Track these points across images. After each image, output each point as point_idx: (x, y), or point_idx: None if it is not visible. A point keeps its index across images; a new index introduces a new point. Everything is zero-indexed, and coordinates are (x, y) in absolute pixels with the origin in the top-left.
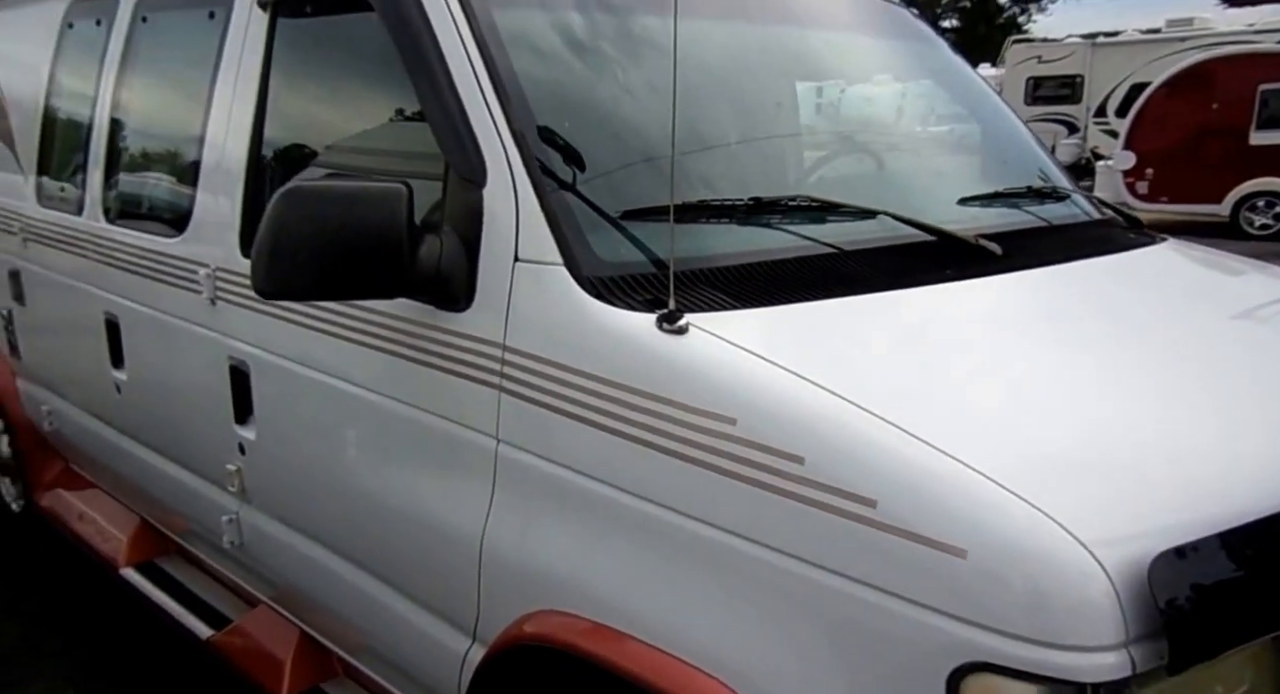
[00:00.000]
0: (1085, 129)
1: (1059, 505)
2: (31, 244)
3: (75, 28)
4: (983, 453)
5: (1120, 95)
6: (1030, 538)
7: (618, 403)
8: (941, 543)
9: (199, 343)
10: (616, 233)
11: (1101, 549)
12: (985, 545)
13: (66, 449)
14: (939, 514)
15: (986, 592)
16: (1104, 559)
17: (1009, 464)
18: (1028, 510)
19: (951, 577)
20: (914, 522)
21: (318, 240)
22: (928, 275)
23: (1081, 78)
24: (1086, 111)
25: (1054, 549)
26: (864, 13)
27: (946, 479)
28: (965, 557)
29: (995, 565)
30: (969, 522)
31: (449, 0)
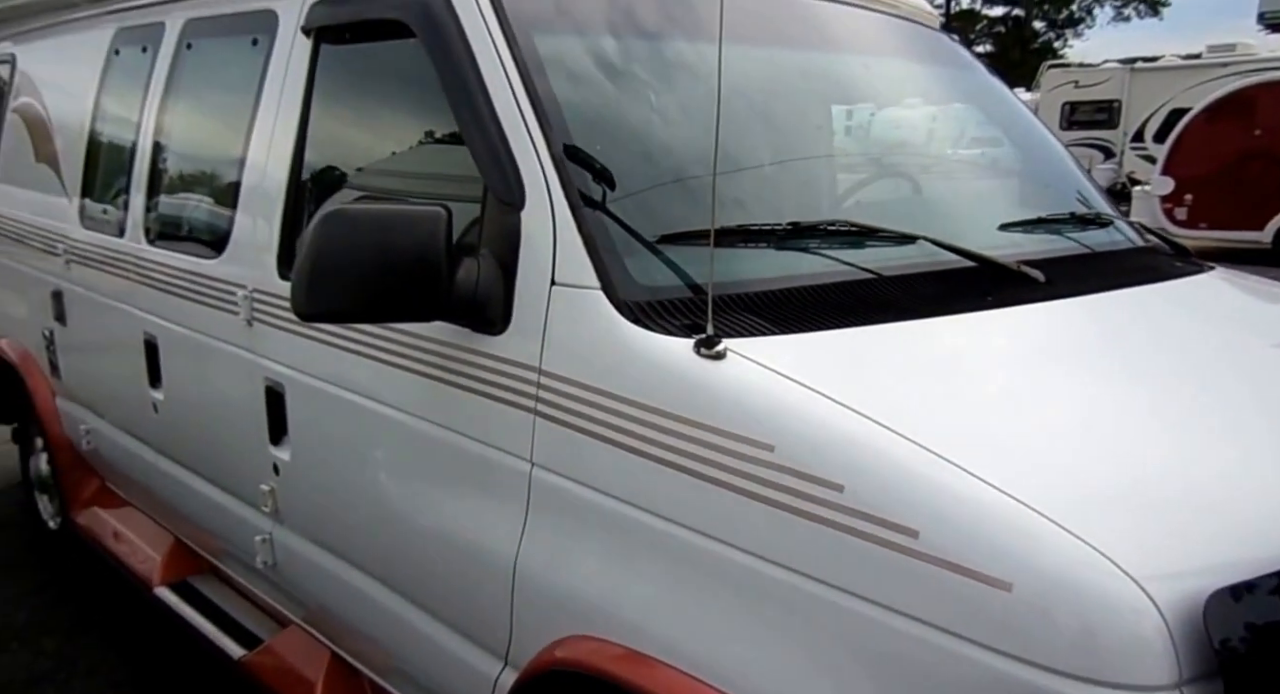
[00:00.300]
0: (1122, 154)
1: (1109, 539)
2: (74, 265)
3: (121, 54)
4: (1028, 484)
5: (1159, 120)
6: (1079, 571)
7: (654, 428)
8: (986, 575)
9: (235, 363)
10: (654, 257)
11: (1154, 585)
12: (1032, 578)
13: (103, 468)
14: (983, 546)
15: (1033, 626)
16: (1157, 595)
17: (1056, 496)
18: (1076, 543)
19: (997, 610)
20: (957, 553)
21: (358, 262)
22: (968, 302)
23: (1119, 103)
24: (1124, 137)
25: (1104, 584)
26: (903, 38)
27: (991, 510)
28: (1011, 590)
29: (1042, 599)
30: (1015, 554)
31: (490, 26)
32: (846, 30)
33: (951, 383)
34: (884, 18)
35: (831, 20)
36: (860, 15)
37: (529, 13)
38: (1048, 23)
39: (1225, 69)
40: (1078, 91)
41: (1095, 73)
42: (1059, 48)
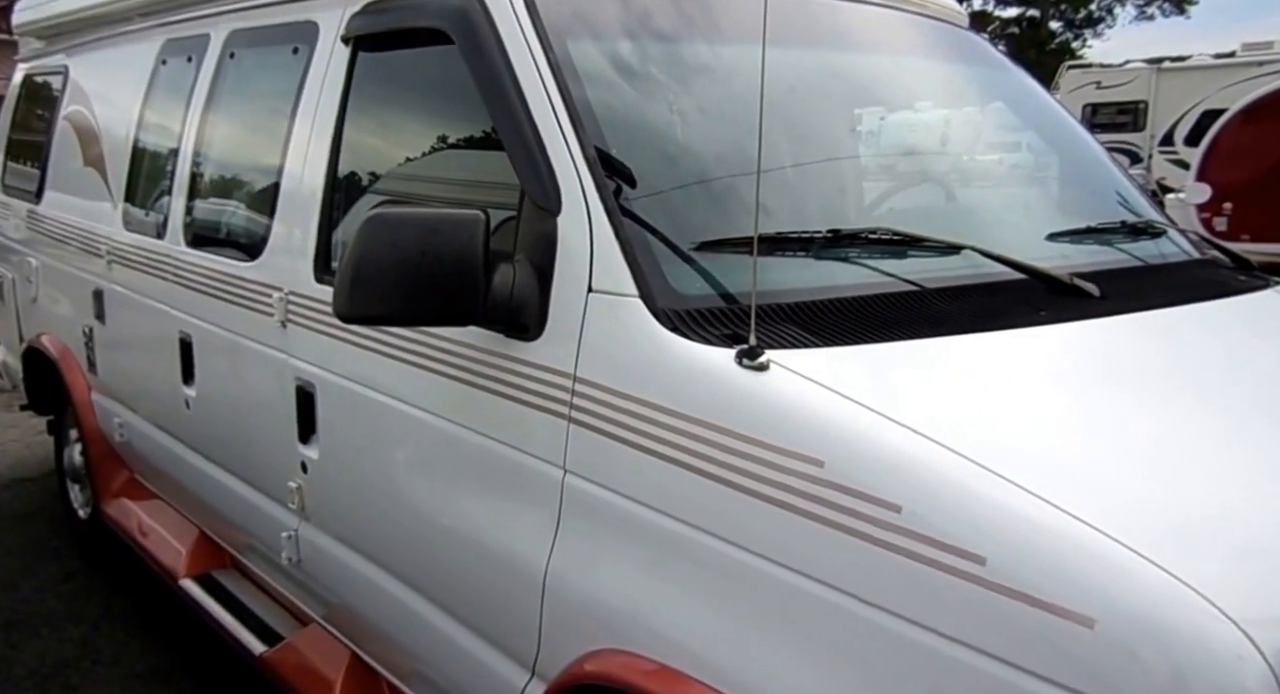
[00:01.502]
0: (1150, 158)
1: (1203, 577)
2: (115, 266)
3: (168, 63)
4: (1107, 512)
5: (1190, 123)
6: (1172, 611)
7: (694, 438)
8: (1064, 609)
9: (268, 363)
10: (692, 265)
11: (1257, 630)
12: (1117, 615)
13: (134, 460)
14: (1061, 577)
15: (1117, 668)
16: (1260, 641)
17: (1140, 528)
18: (1167, 580)
19: (1076, 648)
20: (1031, 584)
21: (399, 266)
22: (1021, 317)
23: (1145, 104)
24: (1151, 140)
25: (1201, 625)
26: (935, 37)
27: (1069, 539)
28: (1093, 626)
29: (1129, 638)
30: (1097, 588)
31: (526, 32)
32: (877, 31)
33: (1009, 402)
34: (914, 17)
35: (861, 21)
36: (890, 15)
37: (564, 19)
38: (1065, 23)
39: (1261, 68)
40: (1100, 93)
41: (1119, 73)
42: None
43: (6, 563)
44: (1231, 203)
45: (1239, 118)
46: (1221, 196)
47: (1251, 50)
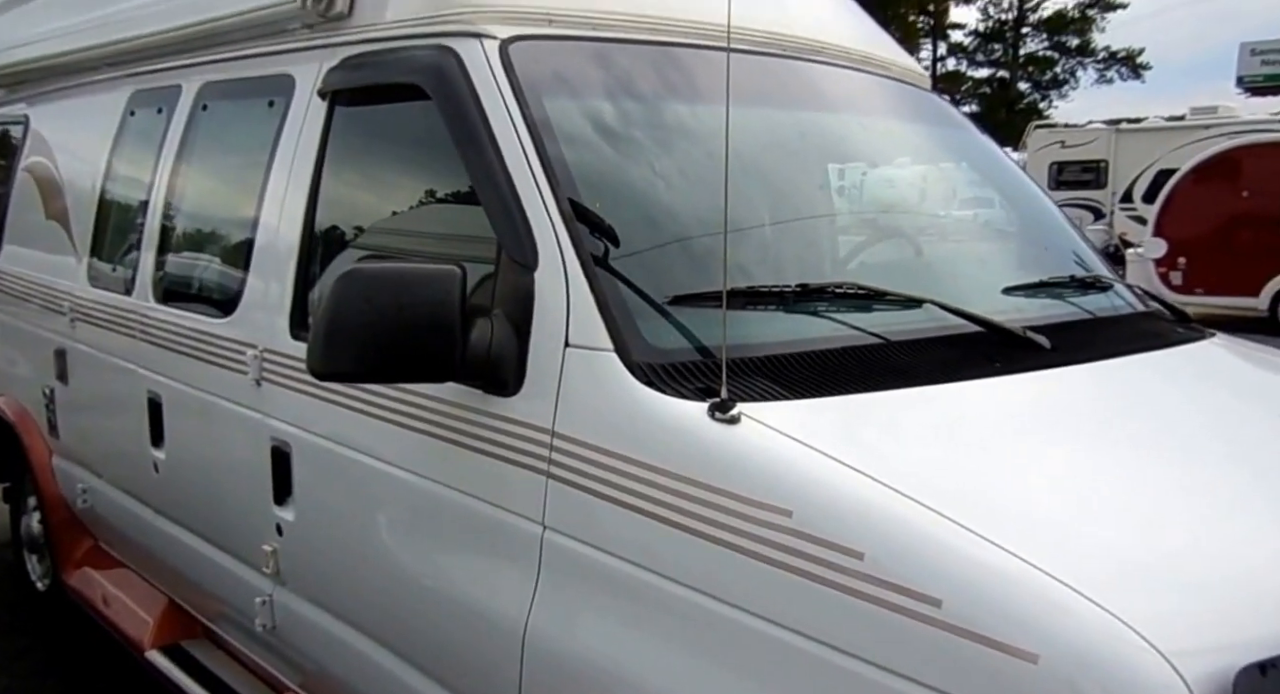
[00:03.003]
0: (1112, 215)
1: (1136, 613)
2: (79, 324)
3: (136, 115)
4: (1053, 555)
5: (1146, 181)
6: (1107, 645)
7: (670, 492)
8: (1012, 647)
9: (242, 423)
10: (667, 319)
11: (1182, 660)
12: (1058, 651)
13: (98, 527)
14: (1008, 616)
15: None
16: (1185, 671)
17: (1080, 568)
18: (1103, 616)
19: (1023, 682)
20: (982, 624)
21: (374, 321)
22: (977, 368)
23: (1106, 163)
24: (1112, 197)
25: (1133, 658)
26: (898, 99)
27: (1016, 581)
28: (1037, 662)
29: (1069, 672)
30: (1041, 625)
31: (502, 89)
32: (843, 92)
33: (966, 450)
34: (879, 79)
35: (828, 82)
36: (855, 77)
37: (540, 77)
38: (1032, 84)
39: (1208, 131)
40: (1064, 151)
41: (1081, 133)
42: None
43: None
44: (1186, 258)
45: (1190, 177)
46: (1177, 252)
47: (1199, 114)
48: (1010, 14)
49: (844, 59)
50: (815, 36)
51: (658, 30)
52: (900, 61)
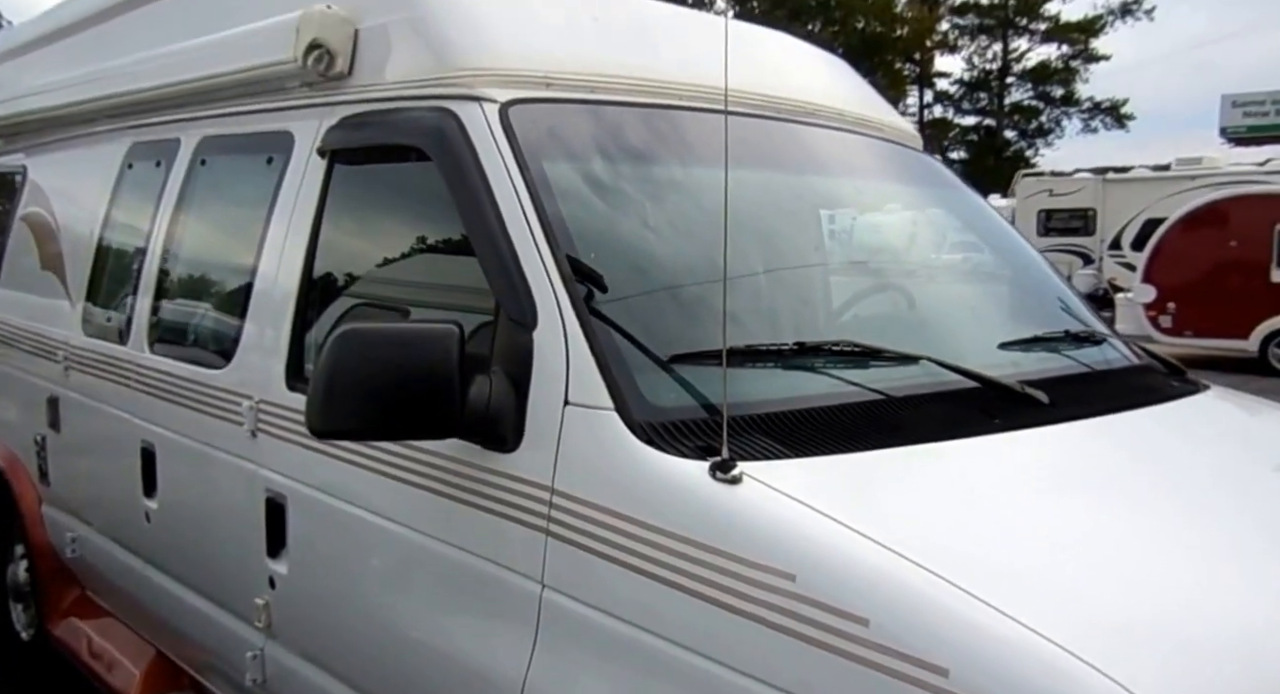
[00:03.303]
0: (1101, 261)
1: (1136, 678)
2: (73, 372)
3: (135, 167)
4: (1058, 622)
5: (1135, 229)
6: None
7: (671, 552)
8: None
9: (236, 474)
10: (667, 377)
11: None
12: None
13: (87, 576)
14: (1016, 686)
15: None
16: None
17: (1082, 632)
18: (1109, 684)
19: None
20: (989, 692)
21: (372, 380)
22: (977, 426)
23: (1094, 211)
24: (1101, 244)
25: None
26: (892, 159)
27: (1023, 650)
28: None
29: None
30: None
31: (502, 151)
32: (836, 152)
33: (970, 511)
34: (872, 140)
35: (822, 143)
36: (849, 138)
37: (539, 140)
38: (1019, 132)
39: (1194, 182)
40: (1053, 200)
41: (1069, 182)
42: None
43: None
44: (1175, 303)
45: (1177, 227)
46: (1166, 297)
47: (1185, 165)
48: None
49: (838, 121)
50: (809, 99)
51: (653, 93)
52: (893, 123)
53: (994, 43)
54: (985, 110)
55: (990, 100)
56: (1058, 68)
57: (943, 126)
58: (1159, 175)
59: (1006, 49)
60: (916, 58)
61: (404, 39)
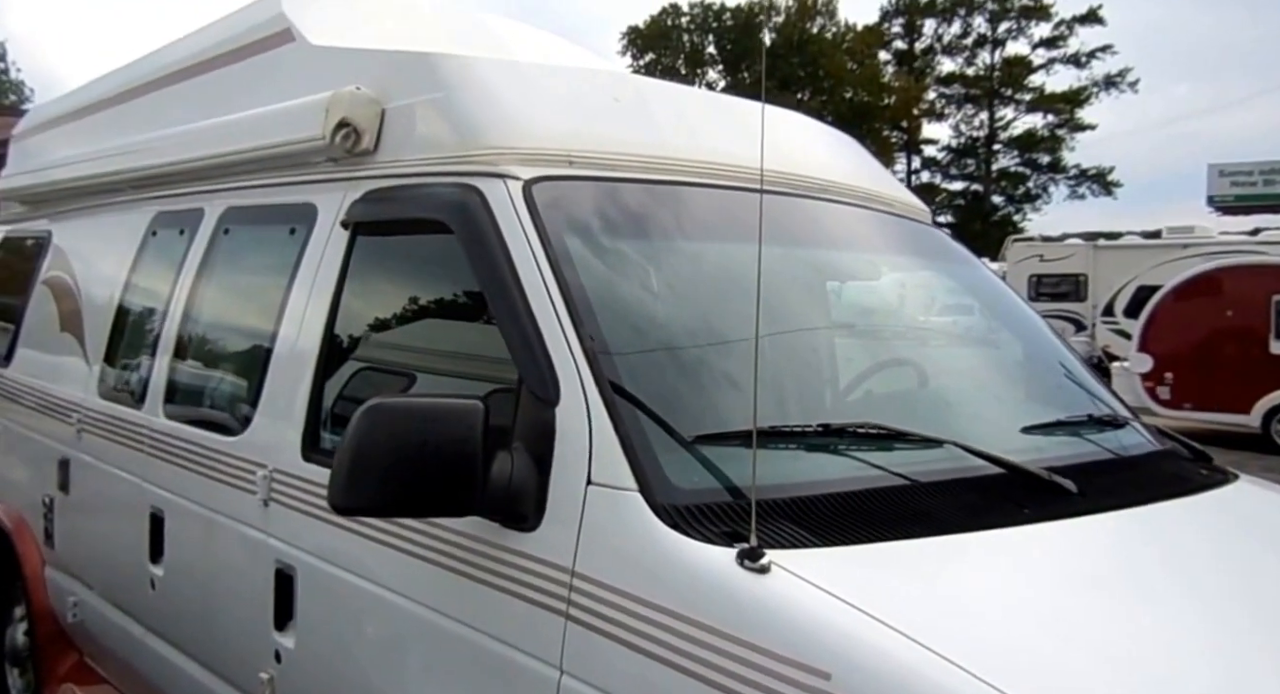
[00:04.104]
0: (1094, 327)
1: None
2: (86, 434)
3: (158, 235)
4: None
5: (1128, 295)
6: None
7: (697, 642)
8: None
9: (246, 544)
10: (691, 458)
11: None
12: None
13: (86, 642)
14: None
15: None
16: None
17: None
18: None
19: None
20: None
21: (396, 456)
22: (1005, 515)
23: (1085, 277)
24: (1094, 310)
25: None
26: (903, 234)
27: None
28: None
29: None
30: None
31: (525, 226)
32: (848, 226)
33: (1007, 610)
34: (882, 215)
35: (834, 218)
36: (860, 213)
37: (562, 217)
38: (1006, 197)
39: (1185, 250)
40: (1043, 265)
41: (1060, 247)
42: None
43: None
44: (1173, 373)
45: (1172, 295)
46: (1163, 367)
47: (1176, 234)
48: (981, 131)
49: (849, 196)
50: (821, 175)
51: (671, 170)
52: (903, 198)
53: (980, 111)
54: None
55: (978, 166)
56: (1044, 136)
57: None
58: (1151, 243)
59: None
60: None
61: (429, 118)
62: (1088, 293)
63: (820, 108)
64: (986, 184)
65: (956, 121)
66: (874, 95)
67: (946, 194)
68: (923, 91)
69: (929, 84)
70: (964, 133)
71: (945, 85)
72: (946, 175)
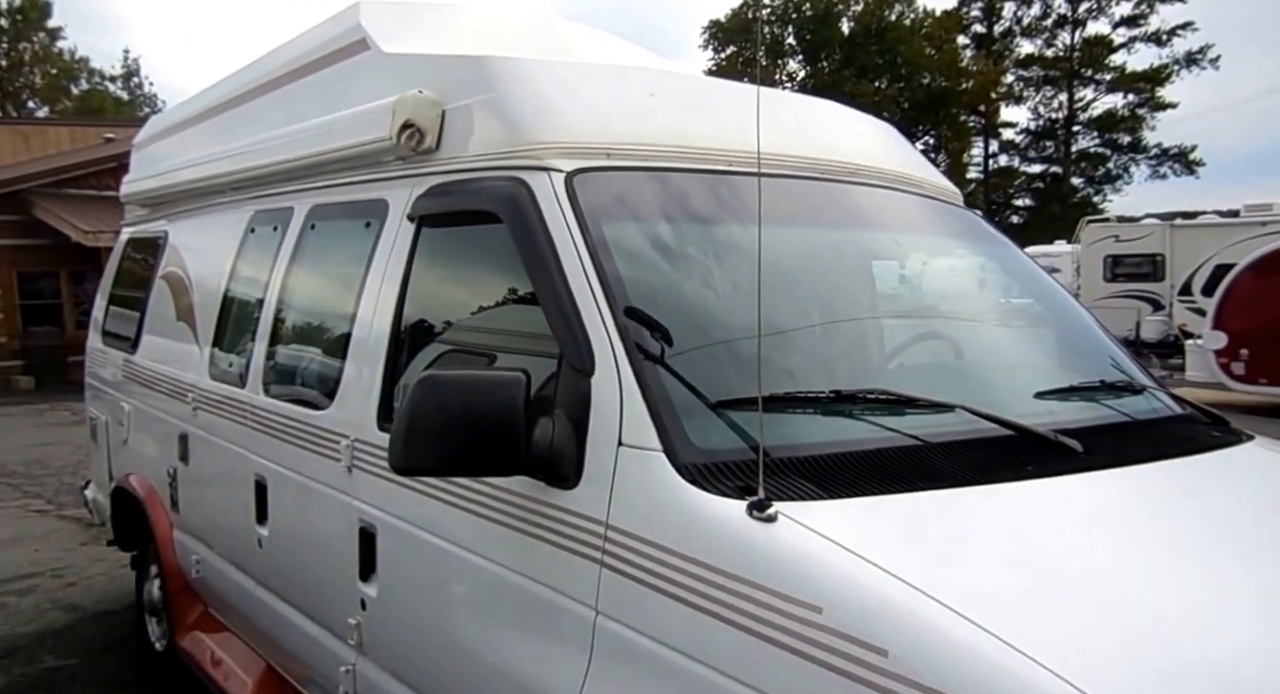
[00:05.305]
0: (1170, 306)
1: None
2: (200, 411)
3: (256, 231)
4: (1064, 656)
5: (1205, 274)
6: None
7: (710, 584)
8: None
9: (334, 505)
10: (711, 422)
11: None
12: None
13: (208, 595)
14: None
15: None
16: None
17: (1091, 670)
18: None
19: None
20: None
21: (448, 422)
22: (1010, 472)
23: (1162, 257)
24: (1171, 289)
25: None
26: (932, 215)
27: (1027, 683)
28: None
29: None
30: None
31: (566, 215)
32: (878, 208)
33: (992, 553)
34: (912, 197)
35: (864, 200)
36: (891, 195)
37: (600, 205)
38: (1085, 179)
39: (1264, 228)
40: (1119, 245)
41: (1136, 228)
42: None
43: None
44: (1248, 349)
45: (1249, 272)
46: (1238, 343)
47: (1254, 211)
48: (1060, 113)
49: (879, 179)
50: (851, 159)
51: (703, 159)
52: (932, 180)
53: (1059, 93)
54: (1051, 158)
55: (1056, 148)
56: (1124, 116)
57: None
58: (1228, 221)
59: (1072, 99)
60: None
61: (484, 118)
62: (1165, 272)
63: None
64: (1066, 166)
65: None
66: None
67: (1025, 177)
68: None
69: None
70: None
71: (1024, 68)
72: (1025, 158)
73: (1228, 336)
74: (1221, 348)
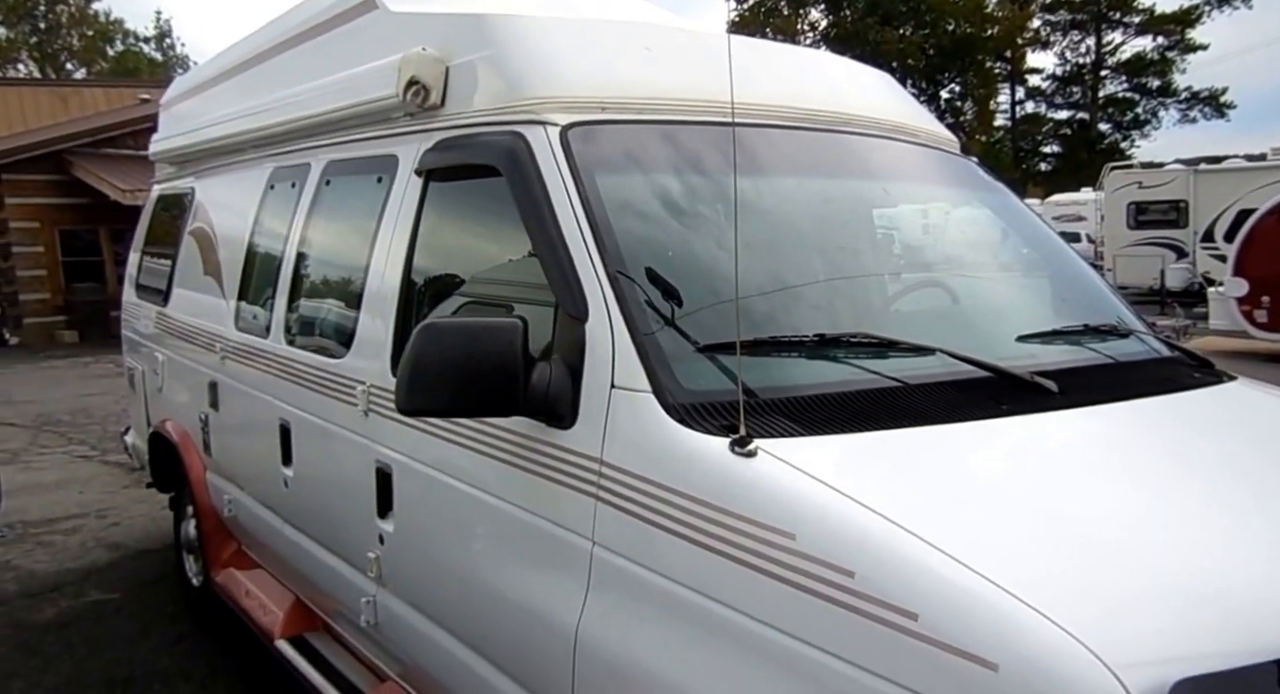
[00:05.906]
0: (1194, 253)
1: (1087, 629)
2: (228, 361)
3: (275, 188)
4: (1017, 574)
5: (1228, 220)
6: (1058, 657)
7: (695, 515)
8: (976, 656)
9: (353, 447)
10: (698, 364)
11: (1126, 672)
12: (1016, 661)
13: (240, 533)
14: (974, 630)
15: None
16: (1127, 681)
17: (1043, 586)
18: (1057, 631)
19: (984, 687)
20: (952, 635)
21: (448, 367)
22: (983, 410)
23: (1186, 203)
24: (1194, 236)
25: (1080, 669)
26: (928, 163)
27: (983, 598)
28: (997, 670)
29: (1024, 680)
30: (1002, 638)
31: (561, 168)
32: (872, 157)
33: (957, 483)
34: (907, 145)
35: (857, 149)
36: (885, 144)
37: (593, 158)
38: (1113, 125)
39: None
40: (1142, 192)
41: (1159, 174)
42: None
43: (129, 625)
44: (1270, 296)
45: (1270, 217)
46: (1260, 290)
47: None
48: (1088, 58)
49: (874, 129)
50: (842, 109)
51: (694, 111)
52: (929, 129)
53: (1087, 37)
54: (1078, 104)
55: (1083, 94)
56: (1153, 59)
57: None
58: (1254, 165)
59: (1100, 43)
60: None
61: (485, 73)
62: (1188, 219)
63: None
64: (1093, 112)
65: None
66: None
67: (1052, 124)
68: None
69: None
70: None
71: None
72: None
73: (1249, 284)
74: (1243, 295)
